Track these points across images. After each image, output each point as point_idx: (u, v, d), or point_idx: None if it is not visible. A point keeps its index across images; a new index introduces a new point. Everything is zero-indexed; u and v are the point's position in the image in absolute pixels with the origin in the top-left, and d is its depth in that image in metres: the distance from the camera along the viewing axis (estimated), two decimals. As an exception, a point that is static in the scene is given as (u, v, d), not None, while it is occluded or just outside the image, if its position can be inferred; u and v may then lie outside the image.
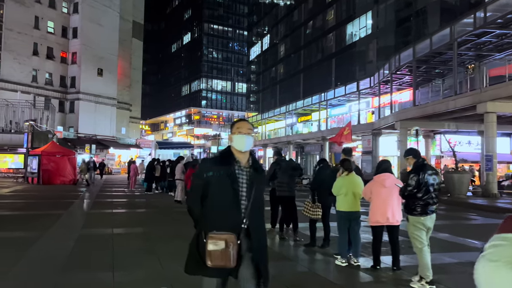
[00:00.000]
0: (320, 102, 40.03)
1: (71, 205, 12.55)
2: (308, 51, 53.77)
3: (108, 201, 14.44)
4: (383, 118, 29.44)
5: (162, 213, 11.36)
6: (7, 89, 38.95)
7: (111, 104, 48.46)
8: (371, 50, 41.43)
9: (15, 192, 17.82)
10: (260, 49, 70.43)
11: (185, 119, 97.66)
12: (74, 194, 16.86)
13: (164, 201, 14.84)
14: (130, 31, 55.63)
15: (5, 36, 39.37)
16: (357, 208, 5.42)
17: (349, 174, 5.41)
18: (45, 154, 23.62)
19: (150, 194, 17.81)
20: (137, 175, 20.61)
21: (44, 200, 14.31)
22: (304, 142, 46.99)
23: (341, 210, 5.39)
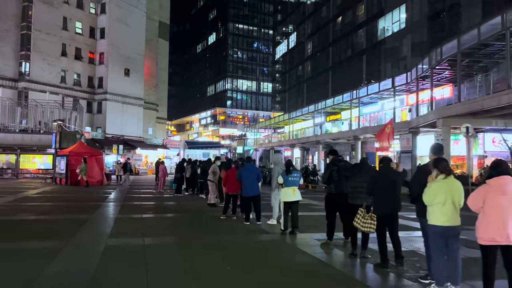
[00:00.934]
0: (351, 99, 38.37)
1: (98, 209, 11.71)
2: (336, 48, 52.13)
3: (137, 204, 13.58)
4: (422, 115, 27.67)
5: (195, 218, 10.34)
6: (36, 89, 39.20)
7: (138, 105, 48.29)
8: (405, 45, 39.52)
9: (42, 193, 17.27)
10: (286, 48, 69.21)
11: (211, 119, 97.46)
12: (102, 196, 16.11)
13: (196, 204, 13.86)
14: (157, 31, 55.47)
15: (34, 37, 39.63)
16: (457, 221, 4.18)
17: (447, 177, 4.17)
18: (73, 155, 23.16)
19: (180, 196, 16.90)
20: (166, 176, 19.77)
21: (71, 203, 13.59)
22: (333, 142, 45.38)
23: (437, 224, 4.17)
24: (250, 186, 9.23)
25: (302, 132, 54.68)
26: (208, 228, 8.88)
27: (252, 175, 9.34)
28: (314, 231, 8.34)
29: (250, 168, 9.51)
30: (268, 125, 62.25)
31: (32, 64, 39.70)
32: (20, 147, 30.38)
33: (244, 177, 9.31)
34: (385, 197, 5.39)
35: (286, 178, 7.83)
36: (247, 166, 9.58)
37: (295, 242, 7.41)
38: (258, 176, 9.47)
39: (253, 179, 9.32)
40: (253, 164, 10.03)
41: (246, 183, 9.27)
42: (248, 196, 9.29)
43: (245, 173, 9.37)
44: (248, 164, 9.71)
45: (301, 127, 54.61)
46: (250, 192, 9.24)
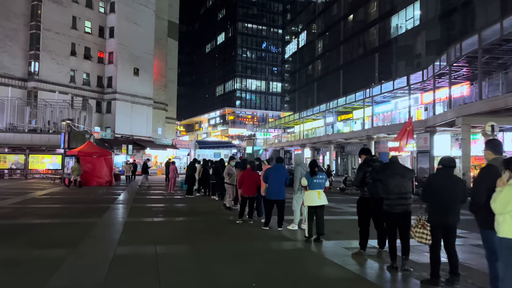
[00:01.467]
0: (364, 98, 37.46)
1: (106, 211, 11.10)
2: (348, 46, 51.33)
3: (147, 206, 12.96)
4: (439, 114, 26.74)
5: (209, 222, 9.66)
6: (45, 89, 38.94)
7: (147, 104, 47.89)
8: (419, 42, 38.57)
9: (50, 195, 16.76)
10: (296, 47, 68.53)
11: (219, 119, 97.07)
12: (110, 198, 15.54)
13: (208, 206, 13.20)
14: (166, 30, 55.05)
15: (44, 36, 39.37)
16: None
17: (523, 181, 3.44)
18: (82, 155, 22.67)
19: (191, 197, 16.26)
20: (177, 176, 19.18)
21: (78, 205, 13.01)
22: (345, 142, 44.57)
23: (511, 237, 3.44)
24: (277, 188, 8.50)
25: (312, 132, 53.94)
26: (225, 234, 8.19)
27: (281, 177, 8.57)
28: (340, 237, 7.63)
29: (280, 170, 8.72)
30: (278, 125, 61.58)
31: (41, 63, 39.44)
32: (29, 147, 30.05)
33: (272, 179, 8.54)
34: (444, 204, 4.64)
35: (310, 180, 7.12)
36: (277, 167, 8.76)
37: (323, 251, 6.71)
38: (287, 179, 8.72)
39: (281, 181, 8.57)
40: (283, 165, 9.21)
41: (273, 185, 8.51)
42: (272, 199, 8.58)
43: (273, 174, 8.58)
44: (278, 165, 8.87)
45: (312, 127, 53.88)
46: (275, 195, 8.52)
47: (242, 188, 9.35)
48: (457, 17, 32.79)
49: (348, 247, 6.77)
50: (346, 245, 6.90)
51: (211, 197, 15.96)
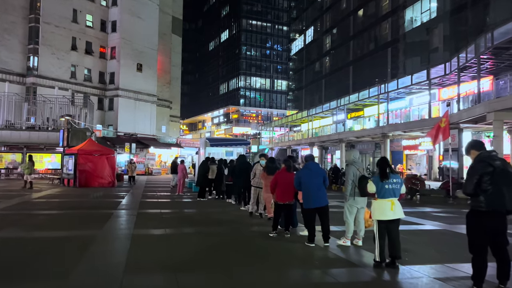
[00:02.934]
0: (379, 94, 35.58)
1: (109, 220, 9.32)
2: (358, 41, 49.57)
3: (155, 213, 11.17)
4: (466, 109, 24.89)
5: (236, 236, 7.83)
6: (44, 85, 37.21)
7: (151, 101, 46.13)
8: (436, 36, 36.74)
9: (46, 197, 15.01)
10: (302, 43, 66.77)
11: (223, 118, 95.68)
12: (113, 202, 13.78)
13: (227, 212, 11.41)
14: (170, 25, 53.28)
15: (43, 30, 37.64)
16: None
17: None
18: (82, 153, 20.94)
19: (204, 201, 14.49)
20: (186, 177, 17.42)
21: (76, 211, 11.24)
22: (356, 140, 42.73)
23: None
24: (315, 193, 6.73)
25: (320, 130, 52.26)
26: (262, 255, 6.33)
27: (317, 179, 6.82)
28: (415, 260, 5.79)
29: (313, 169, 6.97)
30: (285, 123, 59.88)
31: (40, 58, 37.70)
32: (26, 145, 28.34)
33: (306, 182, 6.81)
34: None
35: (381, 186, 5.33)
36: (309, 167, 7.00)
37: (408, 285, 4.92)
38: (325, 180, 6.93)
39: (318, 184, 6.79)
40: (317, 164, 7.38)
41: (310, 190, 6.76)
42: (312, 207, 6.78)
43: (307, 176, 6.86)
44: (310, 163, 7.09)
45: (319, 125, 52.21)
46: (316, 201, 6.72)
47: (276, 193, 7.55)
48: (478, 9, 30.99)
49: (441, 277, 4.94)
50: (437, 275, 5.07)
51: (227, 201, 14.19)
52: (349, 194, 6.72)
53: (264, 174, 9.47)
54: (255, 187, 10.08)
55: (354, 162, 6.80)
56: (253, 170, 10.30)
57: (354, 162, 6.81)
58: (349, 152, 7.16)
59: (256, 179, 10.02)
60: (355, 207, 6.74)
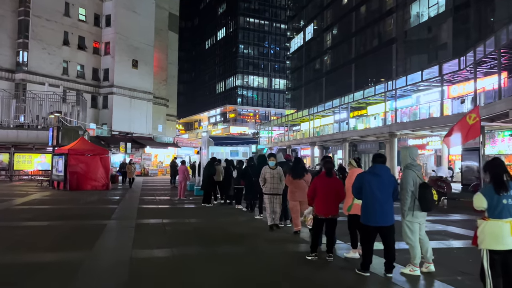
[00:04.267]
0: (386, 91, 34.08)
1: (101, 235, 7.61)
2: (360, 38, 48.18)
3: (157, 223, 9.47)
4: (485, 106, 23.36)
5: (263, 258, 6.16)
6: (35, 81, 35.26)
7: (147, 99, 44.29)
8: (445, 31, 35.31)
9: (30, 204, 13.25)
10: (302, 41, 65.30)
11: (220, 117, 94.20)
12: (107, 208, 12.09)
13: (241, 223, 9.74)
14: (166, 20, 51.44)
15: (33, 24, 35.67)
16: None
17: None
18: (73, 153, 19.19)
19: (210, 207, 12.83)
20: (188, 179, 15.73)
21: (63, 221, 9.50)
22: (360, 140, 41.23)
23: None
24: (380, 208, 4.99)
25: (321, 130, 50.89)
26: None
27: (385, 189, 5.07)
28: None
29: (383, 175, 5.14)
30: (285, 122, 58.35)
31: (30, 53, 35.72)
32: (14, 145, 26.48)
33: (371, 191, 5.06)
34: None
35: (497, 201, 3.67)
36: (377, 170, 5.19)
37: None
38: (395, 191, 5.15)
39: (386, 195, 5.07)
40: (387, 168, 5.36)
41: (374, 202, 5.03)
42: (373, 225, 5.05)
43: (372, 183, 5.08)
44: (379, 166, 5.23)
45: (320, 124, 50.80)
46: (379, 218, 4.99)
47: (316, 205, 5.89)
48: (489, 1, 29.65)
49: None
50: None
51: (236, 207, 12.52)
52: (407, 208, 5.06)
53: (289, 178, 7.83)
54: (269, 194, 8.37)
55: (412, 166, 5.15)
56: (262, 174, 8.54)
57: (412, 165, 5.15)
58: (405, 151, 5.43)
59: (268, 185, 8.35)
60: (416, 224, 5.08)
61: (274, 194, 8.24)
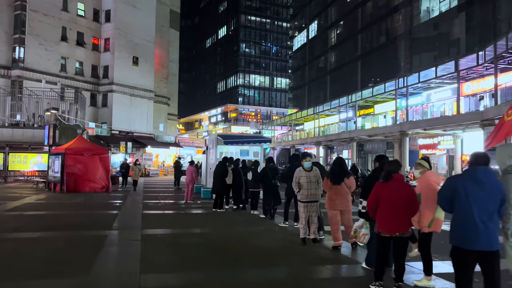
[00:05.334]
0: (397, 89, 32.77)
1: (100, 251, 6.27)
2: (367, 35, 46.88)
3: (165, 235, 8.14)
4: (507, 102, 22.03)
5: (305, 285, 4.86)
6: (31, 78, 33.90)
7: (148, 97, 42.95)
8: (457, 26, 34.01)
9: (22, 209, 11.90)
10: (305, 38, 64.00)
11: (221, 117, 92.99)
12: (107, 215, 10.75)
13: (263, 233, 8.40)
14: (168, 16, 50.11)
15: (30, 18, 34.30)
16: None
17: None
18: (70, 153, 17.84)
19: (222, 212, 11.49)
20: (196, 181, 14.38)
21: (57, 232, 8.15)
22: (367, 139, 39.91)
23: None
24: (482, 226, 3.57)
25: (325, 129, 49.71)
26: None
27: (490, 200, 3.64)
28: None
29: (487, 181, 3.69)
30: (288, 121, 57.11)
31: (27, 49, 34.35)
32: (9, 144, 25.09)
33: (468, 202, 3.63)
34: None
35: None
36: (477, 175, 3.72)
37: None
38: (502, 204, 3.71)
39: (492, 209, 3.64)
40: (492, 173, 3.80)
41: (473, 218, 3.60)
42: (472, 249, 3.60)
43: (471, 191, 3.64)
44: (480, 170, 3.74)
45: (324, 124, 49.60)
46: (481, 240, 3.58)
47: (378, 219, 4.54)
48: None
49: None
50: None
51: (251, 213, 11.17)
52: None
53: (327, 182, 6.50)
54: (305, 202, 6.98)
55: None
56: (296, 178, 7.11)
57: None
58: (505, 150, 4.09)
59: (305, 192, 6.93)
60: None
61: (311, 201, 6.89)
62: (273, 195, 10.03)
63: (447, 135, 31.68)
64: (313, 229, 6.94)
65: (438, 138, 33.34)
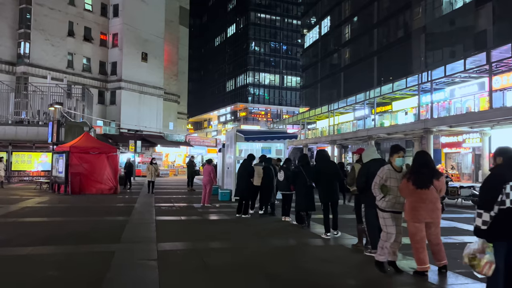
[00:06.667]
0: (420, 83, 30.89)
1: (105, 278, 4.66)
2: (383, 29, 45.10)
3: (187, 250, 6.51)
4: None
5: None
6: (37, 75, 32.60)
7: (158, 95, 41.49)
8: (483, 17, 32.13)
9: (17, 215, 10.36)
10: (317, 35, 62.33)
11: (230, 116, 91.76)
12: (115, 222, 9.19)
13: (306, 245, 6.76)
14: (177, 11, 48.70)
15: (35, 13, 32.99)
16: None
17: None
18: (75, 151, 16.36)
19: (247, 218, 9.86)
20: (214, 182, 12.76)
21: (52, 247, 6.56)
22: (385, 138, 38.04)
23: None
24: None
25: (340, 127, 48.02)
26: None
27: None
28: None
29: None
30: (301, 120, 55.51)
31: (32, 44, 33.05)
32: (12, 143, 23.72)
33: None
34: None
35: None
36: None
37: None
38: None
39: None
40: None
41: None
42: None
43: None
44: None
45: (338, 122, 47.96)
46: None
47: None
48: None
49: None
50: None
51: (283, 219, 9.52)
52: None
53: (408, 186, 4.80)
54: (390, 212, 5.15)
55: None
56: (381, 179, 5.22)
57: None
58: None
59: (393, 199, 5.10)
60: None
61: (398, 212, 5.19)
62: (308, 199, 8.44)
63: (473, 133, 29.90)
64: (395, 249, 5.20)
65: (463, 136, 31.55)
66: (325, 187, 7.36)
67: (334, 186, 7.45)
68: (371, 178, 5.44)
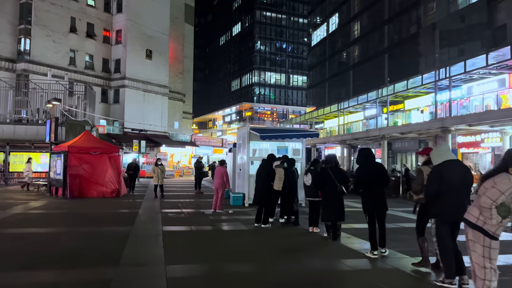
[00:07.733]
0: (437, 80, 29.41)
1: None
2: (394, 26, 43.72)
3: (202, 277, 5.18)
4: None
5: None
6: (38, 72, 31.45)
7: (162, 93, 40.26)
8: (502, 11, 30.70)
9: (4, 224, 9.07)
10: (325, 33, 61.06)
11: (236, 116, 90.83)
12: (117, 233, 7.89)
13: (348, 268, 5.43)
14: (183, 8, 47.53)
15: (36, 8, 31.85)
16: None
17: None
18: (74, 151, 15.09)
19: (268, 229, 8.52)
20: (227, 186, 11.42)
21: (33, 273, 5.24)
22: (398, 137, 36.55)
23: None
24: None
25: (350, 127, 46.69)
26: None
27: None
28: None
29: None
30: (309, 119, 54.19)
31: (33, 41, 31.91)
32: (10, 142, 22.51)
33: None
34: None
35: None
36: None
37: None
38: None
39: None
40: None
41: None
42: None
43: None
44: None
45: (347, 121, 46.64)
46: None
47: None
48: None
49: None
50: None
51: (310, 230, 8.19)
52: None
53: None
54: None
55: None
56: (503, 192, 3.66)
57: None
58: None
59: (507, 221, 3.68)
60: None
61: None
62: (337, 207, 7.15)
63: (492, 132, 28.47)
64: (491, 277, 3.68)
65: (481, 136, 30.09)
66: (372, 194, 6.02)
67: (382, 193, 6.12)
68: (445, 184, 4.12)
